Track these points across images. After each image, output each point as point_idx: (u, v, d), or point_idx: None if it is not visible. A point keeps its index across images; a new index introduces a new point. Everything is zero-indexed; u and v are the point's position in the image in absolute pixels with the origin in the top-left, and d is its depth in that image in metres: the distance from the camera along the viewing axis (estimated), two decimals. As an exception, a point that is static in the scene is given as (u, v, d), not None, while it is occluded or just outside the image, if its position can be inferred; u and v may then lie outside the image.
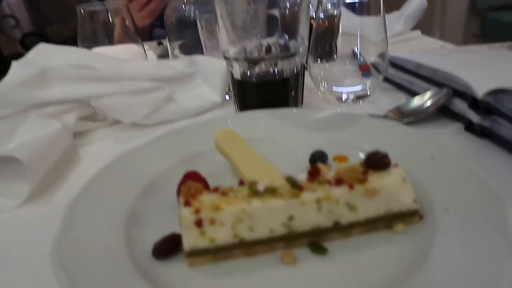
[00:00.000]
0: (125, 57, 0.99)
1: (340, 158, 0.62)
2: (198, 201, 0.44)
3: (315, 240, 0.46)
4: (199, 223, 0.42)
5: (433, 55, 0.94)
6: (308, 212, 0.44)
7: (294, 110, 0.75)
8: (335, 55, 0.79)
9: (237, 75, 0.77)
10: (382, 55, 0.79)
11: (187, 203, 0.43)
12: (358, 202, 0.45)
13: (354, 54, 0.80)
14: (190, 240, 0.43)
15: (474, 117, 0.69)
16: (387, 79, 0.93)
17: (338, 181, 0.45)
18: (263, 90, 0.76)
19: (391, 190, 0.46)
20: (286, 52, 0.73)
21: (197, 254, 0.44)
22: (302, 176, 0.47)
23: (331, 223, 0.45)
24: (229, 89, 0.85)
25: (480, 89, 0.66)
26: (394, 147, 0.54)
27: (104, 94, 0.80)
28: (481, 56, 0.92)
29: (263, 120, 0.70)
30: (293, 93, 0.76)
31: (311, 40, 0.80)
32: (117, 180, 0.57)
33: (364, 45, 0.79)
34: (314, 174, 0.47)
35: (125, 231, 0.49)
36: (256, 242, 0.45)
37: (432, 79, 0.81)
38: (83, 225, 0.48)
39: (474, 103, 0.68)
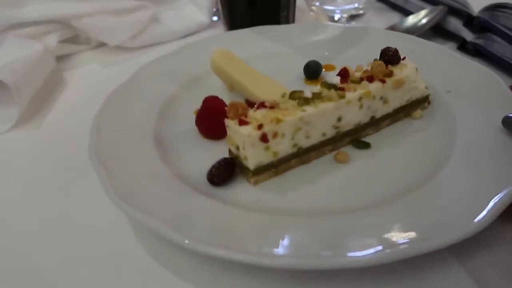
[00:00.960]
0: None
1: (328, 67, 0.64)
2: (252, 118, 0.42)
3: (356, 138, 0.49)
4: (264, 138, 0.41)
5: None
6: (352, 111, 0.46)
7: (285, 26, 0.72)
8: None
9: None
10: None
11: (242, 122, 0.41)
12: (389, 94, 0.48)
13: None
14: (257, 157, 0.42)
15: (468, 36, 0.68)
16: None
17: (370, 78, 0.48)
18: (254, 8, 0.72)
19: (412, 79, 0.50)
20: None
21: (261, 171, 0.43)
22: (335, 79, 0.48)
23: (369, 118, 0.48)
24: (217, 8, 0.80)
25: (476, 5, 0.67)
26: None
27: (86, 14, 0.73)
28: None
29: (255, 38, 0.68)
30: (284, 11, 0.74)
31: None
32: (130, 105, 0.54)
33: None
34: (344, 75, 0.48)
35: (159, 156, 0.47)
36: (309, 148, 0.45)
37: None
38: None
39: (469, 20, 0.69)
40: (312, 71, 0.61)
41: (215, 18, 0.88)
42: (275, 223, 0.37)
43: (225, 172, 0.43)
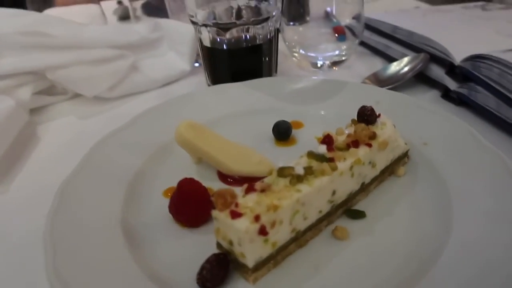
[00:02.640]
0: (82, 20, 0.84)
1: (296, 125, 0.61)
2: (243, 207, 0.37)
3: (349, 207, 0.45)
4: (263, 231, 0.36)
5: (408, 15, 0.90)
6: (345, 181, 0.43)
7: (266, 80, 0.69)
8: (307, 17, 0.74)
9: (207, 42, 0.67)
10: (357, 17, 0.75)
11: (235, 214, 0.36)
12: (376, 157, 0.46)
13: (327, 15, 0.76)
14: (256, 252, 0.36)
15: (451, 84, 0.67)
16: (362, 43, 0.89)
17: (355, 143, 0.45)
18: (235, 58, 0.68)
19: (393, 138, 0.48)
20: (259, 16, 0.65)
21: (260, 266, 0.38)
22: (321, 148, 0.44)
23: (359, 185, 0.45)
24: (198, 56, 0.76)
25: (458, 55, 0.66)
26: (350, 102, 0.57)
27: (61, 65, 0.69)
28: (457, 17, 0.89)
29: (219, 97, 0.65)
30: (267, 60, 0.70)
31: (283, 1, 0.72)
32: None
33: (338, 5, 0.75)
34: (329, 142, 0.45)
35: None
36: (307, 229, 0.41)
37: (409, 42, 0.79)
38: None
39: (451, 69, 0.68)
40: (283, 132, 0.57)
41: (196, 64, 0.85)
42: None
43: (219, 273, 0.37)
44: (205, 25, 0.65)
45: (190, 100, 0.63)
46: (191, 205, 0.43)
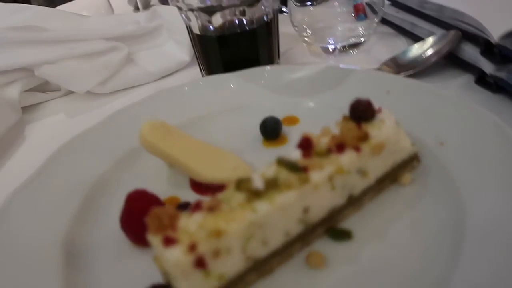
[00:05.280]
0: (90, 12, 0.84)
1: (290, 120, 0.53)
2: (182, 232, 0.30)
3: (332, 225, 0.37)
4: (200, 263, 0.29)
5: None
6: (322, 196, 0.35)
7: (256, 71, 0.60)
8: None
9: (196, 30, 0.60)
10: None
11: (168, 241, 0.29)
12: (368, 164, 0.37)
13: None
14: (194, 288, 0.30)
15: (488, 67, 0.56)
16: (385, 21, 0.77)
17: (340, 147, 0.36)
18: (226, 46, 0.60)
19: (393, 140, 0.38)
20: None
21: (205, 303, 0.31)
22: (295, 154, 0.36)
23: (345, 199, 0.37)
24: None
25: (496, 31, 0.54)
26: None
27: (48, 60, 0.66)
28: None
29: (204, 92, 0.57)
30: (265, 46, 0.62)
31: None
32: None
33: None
34: (307, 147, 0.36)
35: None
36: (270, 255, 0.33)
37: (438, 18, 0.67)
38: None
39: (488, 48, 0.56)
40: (270, 130, 0.50)
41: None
42: None
43: (156, 311, 0.31)
44: (191, 10, 0.58)
45: (170, 96, 0.56)
46: (140, 221, 0.36)
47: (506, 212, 0.33)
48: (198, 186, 0.44)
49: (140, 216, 0.36)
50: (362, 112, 0.39)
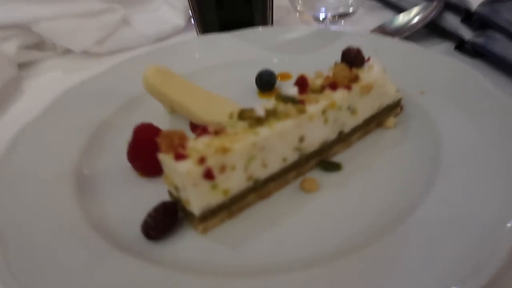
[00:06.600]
0: None
1: (283, 76, 0.56)
2: (191, 149, 0.33)
3: (324, 159, 0.40)
4: (209, 174, 0.32)
5: None
6: (316, 127, 0.38)
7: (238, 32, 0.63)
8: None
9: None
10: None
11: (179, 156, 0.32)
12: (357, 103, 0.41)
13: None
14: (202, 199, 0.33)
15: (467, 34, 0.61)
16: None
17: (333, 85, 0.40)
18: (223, 7, 0.63)
19: (380, 83, 0.42)
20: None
21: (210, 215, 0.34)
22: (292, 91, 0.39)
23: (336, 134, 0.40)
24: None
25: (476, 0, 0.58)
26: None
27: (47, 17, 0.67)
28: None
29: (203, 46, 0.60)
30: (259, 9, 0.65)
31: None
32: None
33: None
34: (302, 84, 0.40)
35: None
36: (269, 179, 0.37)
37: None
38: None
39: (467, 16, 0.61)
40: (265, 82, 0.53)
41: (193, 20, 0.78)
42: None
43: (165, 222, 0.34)
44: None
45: (171, 51, 0.59)
46: (146, 152, 0.39)
47: (474, 142, 0.37)
48: (198, 129, 0.47)
49: (147, 147, 0.39)
50: (353, 57, 0.43)
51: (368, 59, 0.44)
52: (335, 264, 0.29)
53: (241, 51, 0.60)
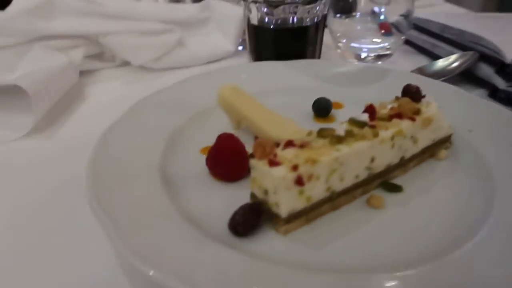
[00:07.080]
0: None
1: (336, 105, 0.60)
2: (282, 158, 0.37)
3: (385, 180, 0.45)
4: (300, 181, 0.36)
5: (459, 17, 0.89)
6: (385, 151, 0.42)
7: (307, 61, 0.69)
8: (354, 11, 0.76)
9: (254, 21, 0.69)
10: (406, 14, 0.75)
11: (273, 163, 0.36)
12: (418, 133, 0.45)
13: (374, 11, 0.77)
14: (290, 202, 0.36)
15: (500, 83, 0.64)
16: (408, 42, 0.87)
17: (398, 115, 0.44)
18: (280, 39, 0.69)
19: (438, 117, 0.47)
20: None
21: (292, 218, 0.37)
22: (363, 117, 0.44)
23: (398, 159, 0.45)
24: (243, 38, 0.79)
25: (510, 53, 0.64)
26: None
27: (113, 32, 0.74)
28: (511, 22, 0.86)
29: (268, 72, 0.65)
30: (311, 44, 0.71)
31: None
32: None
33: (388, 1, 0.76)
34: (372, 113, 0.44)
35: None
36: (342, 192, 0.41)
37: (458, 41, 0.77)
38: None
39: (502, 68, 0.65)
40: (322, 108, 0.57)
41: (240, 47, 0.87)
42: (312, 281, 0.32)
43: (251, 220, 0.37)
44: (255, 2, 0.66)
45: (233, 72, 0.64)
46: (228, 158, 0.43)
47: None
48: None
49: (229, 155, 0.43)
50: (413, 92, 0.48)
51: (424, 96, 0.49)
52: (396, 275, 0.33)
53: (296, 78, 0.65)
